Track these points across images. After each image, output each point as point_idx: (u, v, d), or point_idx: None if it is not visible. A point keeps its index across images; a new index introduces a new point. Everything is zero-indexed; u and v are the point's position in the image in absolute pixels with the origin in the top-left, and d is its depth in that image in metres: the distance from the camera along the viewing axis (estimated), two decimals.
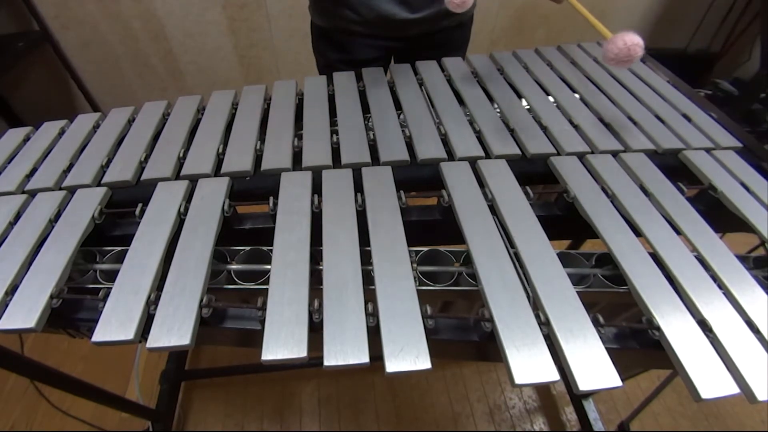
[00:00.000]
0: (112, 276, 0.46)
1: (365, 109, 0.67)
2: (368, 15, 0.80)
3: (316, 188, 0.53)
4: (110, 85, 1.92)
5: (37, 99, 1.84)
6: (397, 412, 1.24)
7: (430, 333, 0.38)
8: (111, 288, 0.42)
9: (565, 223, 0.54)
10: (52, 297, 0.43)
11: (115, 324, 0.39)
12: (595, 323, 0.38)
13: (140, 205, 0.51)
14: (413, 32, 0.84)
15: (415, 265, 0.43)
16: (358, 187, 0.52)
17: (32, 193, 0.56)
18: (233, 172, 0.56)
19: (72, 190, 0.56)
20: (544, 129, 0.61)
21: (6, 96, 1.66)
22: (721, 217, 0.51)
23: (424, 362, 0.35)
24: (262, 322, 0.39)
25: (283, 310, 0.39)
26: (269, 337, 0.37)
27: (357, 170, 0.55)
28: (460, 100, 0.68)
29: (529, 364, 0.35)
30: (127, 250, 0.46)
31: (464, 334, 0.44)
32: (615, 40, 0.50)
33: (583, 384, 0.34)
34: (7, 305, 0.42)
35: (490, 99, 0.68)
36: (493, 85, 0.71)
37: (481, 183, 0.53)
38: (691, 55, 2.01)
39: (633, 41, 0.49)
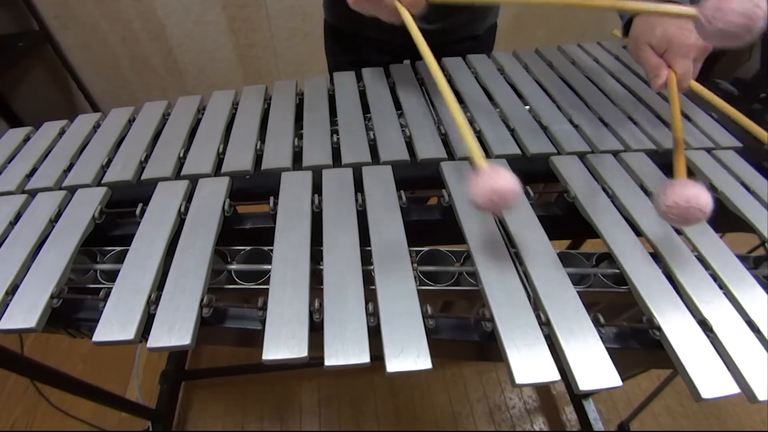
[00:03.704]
0: (112, 276, 0.46)
1: (365, 109, 0.67)
2: (381, 21, 0.79)
3: (317, 188, 0.53)
4: (110, 85, 1.92)
5: (37, 99, 1.84)
6: (397, 412, 1.24)
7: (430, 333, 0.38)
8: (111, 288, 0.42)
9: (566, 223, 0.54)
10: (52, 297, 0.43)
11: (115, 324, 0.39)
12: (596, 323, 0.38)
13: (140, 204, 0.51)
14: (427, 42, 0.83)
15: (415, 265, 0.43)
16: (359, 187, 0.53)
17: (32, 193, 0.56)
18: (233, 171, 0.56)
19: (72, 190, 0.56)
20: (545, 129, 0.61)
21: (6, 96, 1.66)
22: (721, 217, 0.51)
23: (424, 362, 0.35)
24: (263, 321, 0.39)
25: (283, 310, 0.39)
26: (270, 336, 0.37)
27: (357, 169, 0.55)
28: (461, 100, 0.68)
29: (529, 363, 0.35)
30: (128, 250, 0.46)
31: (464, 334, 0.44)
32: (673, 191, 0.38)
33: (583, 384, 0.34)
34: (7, 305, 0.42)
35: (491, 99, 0.68)
36: (493, 85, 0.71)
37: None
38: None
39: (695, 201, 0.37)
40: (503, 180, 0.36)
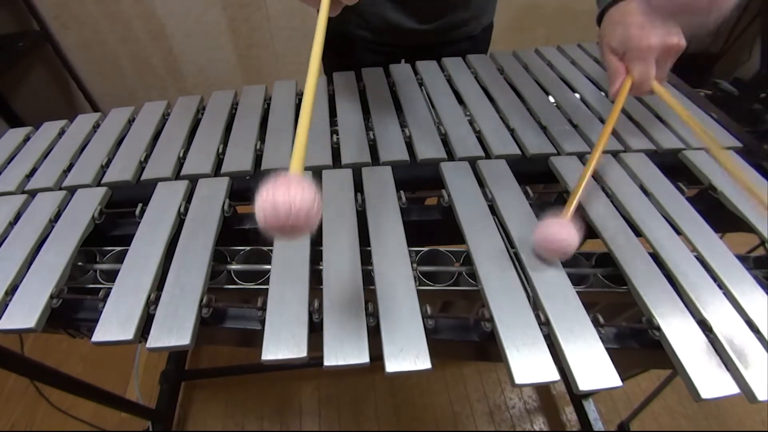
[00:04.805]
0: (112, 276, 0.46)
1: (365, 109, 0.67)
2: (375, 22, 0.78)
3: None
4: (110, 85, 1.92)
5: (37, 99, 1.84)
6: (397, 412, 1.24)
7: (430, 333, 0.38)
8: (111, 288, 0.42)
9: None
10: (52, 297, 0.43)
11: (115, 324, 0.39)
12: (595, 323, 0.38)
13: (140, 205, 0.51)
14: (419, 42, 0.83)
15: (415, 265, 0.43)
16: (358, 187, 0.53)
17: (32, 193, 0.56)
18: (233, 171, 0.56)
19: (72, 190, 0.56)
20: (544, 129, 0.61)
21: (6, 96, 1.66)
22: (721, 217, 0.51)
23: (424, 362, 0.35)
24: (262, 322, 0.39)
25: (283, 310, 0.39)
26: (269, 337, 0.37)
27: (357, 170, 0.55)
28: (460, 100, 0.68)
29: (529, 364, 0.35)
30: (127, 250, 0.46)
31: (464, 334, 0.44)
32: (538, 231, 0.42)
33: (583, 384, 0.34)
34: (7, 305, 0.42)
35: (490, 99, 0.68)
36: (493, 85, 0.71)
37: (481, 183, 0.53)
38: (691, 55, 2.01)
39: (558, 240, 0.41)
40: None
